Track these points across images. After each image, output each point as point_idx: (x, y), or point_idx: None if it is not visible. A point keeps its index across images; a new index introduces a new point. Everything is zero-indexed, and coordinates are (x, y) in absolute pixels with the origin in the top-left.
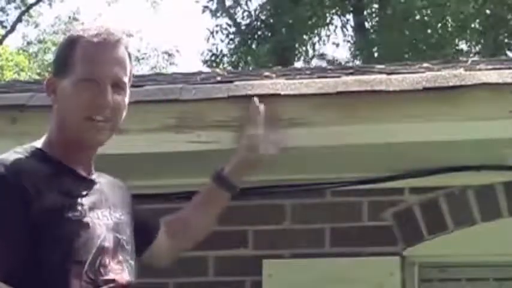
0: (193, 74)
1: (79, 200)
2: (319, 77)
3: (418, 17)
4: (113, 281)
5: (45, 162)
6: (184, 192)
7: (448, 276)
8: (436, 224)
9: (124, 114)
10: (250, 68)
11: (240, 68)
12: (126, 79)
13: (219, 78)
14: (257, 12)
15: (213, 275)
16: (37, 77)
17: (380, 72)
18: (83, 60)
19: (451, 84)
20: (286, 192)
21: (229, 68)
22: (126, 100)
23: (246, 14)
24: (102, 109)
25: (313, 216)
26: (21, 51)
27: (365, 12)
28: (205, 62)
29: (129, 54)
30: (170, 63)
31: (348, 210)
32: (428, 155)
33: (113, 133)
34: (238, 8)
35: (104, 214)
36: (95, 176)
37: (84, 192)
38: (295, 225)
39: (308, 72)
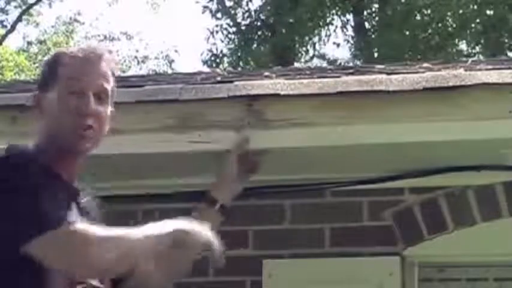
0: (193, 74)
1: (71, 205)
2: (319, 77)
3: (418, 17)
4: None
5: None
6: (184, 192)
7: (448, 276)
8: (436, 224)
9: (107, 125)
10: (250, 68)
11: (240, 68)
12: (108, 90)
13: (219, 78)
14: (257, 13)
15: (213, 275)
16: (37, 77)
17: (380, 72)
18: (67, 73)
19: (451, 84)
20: (286, 192)
21: (229, 68)
22: (109, 112)
23: (246, 14)
24: (86, 118)
25: (313, 216)
26: (21, 52)
27: (365, 12)
28: (205, 62)
29: (112, 71)
30: (170, 67)
31: (348, 210)
32: (428, 155)
33: (98, 142)
34: (239, 8)
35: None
36: (77, 185)
37: (73, 199)
38: (295, 225)
39: (308, 72)
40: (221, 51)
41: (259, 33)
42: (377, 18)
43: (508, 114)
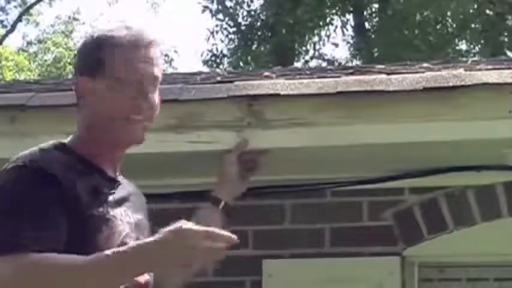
0: (193, 74)
1: (103, 197)
2: (319, 77)
3: (418, 18)
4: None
5: (73, 159)
6: (184, 192)
7: (448, 276)
8: (436, 224)
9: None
10: (250, 68)
11: (240, 68)
12: (160, 76)
13: (219, 78)
14: (257, 13)
15: (213, 275)
16: (37, 77)
17: (380, 72)
18: (119, 61)
19: (451, 84)
20: (286, 192)
21: (229, 68)
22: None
23: (246, 14)
24: (144, 110)
25: (313, 216)
26: (21, 51)
27: (365, 13)
28: (205, 62)
29: (161, 53)
30: (170, 66)
31: (348, 210)
32: (428, 155)
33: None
34: (239, 8)
35: (126, 213)
36: (120, 178)
37: (109, 191)
38: (295, 225)
39: (308, 72)
40: (221, 52)
41: (259, 33)
42: (377, 19)
43: (508, 114)
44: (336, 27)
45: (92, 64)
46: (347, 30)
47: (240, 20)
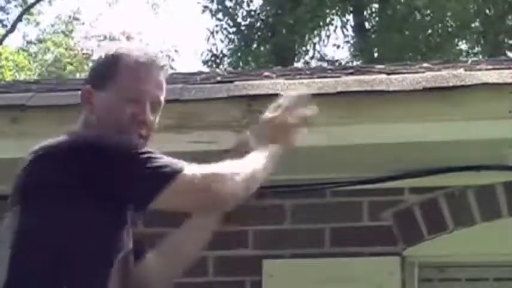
0: (193, 74)
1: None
2: (319, 77)
3: (418, 18)
4: None
5: None
6: None
7: (448, 276)
8: (436, 224)
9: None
10: (250, 68)
11: (240, 68)
12: (162, 102)
13: (219, 78)
14: (257, 13)
15: (213, 275)
16: (37, 77)
17: (380, 72)
18: (129, 79)
19: (451, 84)
20: (286, 192)
21: (229, 68)
22: (157, 121)
23: (246, 14)
24: (142, 126)
25: (313, 216)
26: (21, 51)
27: (365, 13)
28: (205, 62)
29: (166, 83)
30: (170, 67)
31: (348, 210)
32: (429, 155)
33: None
34: (238, 8)
35: None
36: None
37: None
38: (295, 225)
39: (308, 72)
40: (221, 52)
41: (259, 33)
42: (377, 19)
43: (508, 114)
44: (336, 27)
45: (102, 77)
46: (347, 30)
47: (240, 20)
